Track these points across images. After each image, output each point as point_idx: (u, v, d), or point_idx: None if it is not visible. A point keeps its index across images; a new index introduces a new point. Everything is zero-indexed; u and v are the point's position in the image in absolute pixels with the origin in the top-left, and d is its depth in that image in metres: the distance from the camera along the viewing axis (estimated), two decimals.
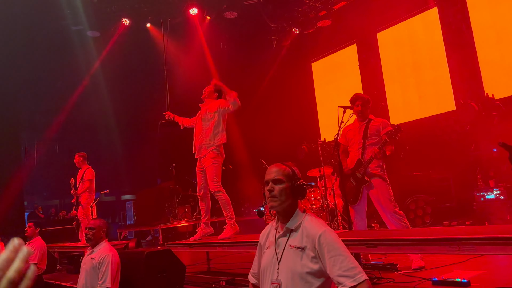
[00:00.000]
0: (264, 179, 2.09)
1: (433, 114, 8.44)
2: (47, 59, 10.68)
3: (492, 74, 7.61)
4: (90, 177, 7.55)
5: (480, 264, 3.75)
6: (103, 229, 3.88)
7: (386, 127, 4.34)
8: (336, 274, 1.81)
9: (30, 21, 9.58)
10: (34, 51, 10.31)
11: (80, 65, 11.03)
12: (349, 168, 4.45)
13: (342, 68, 10.66)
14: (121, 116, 11.85)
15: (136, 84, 11.64)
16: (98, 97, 11.34)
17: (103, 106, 11.67)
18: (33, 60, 10.48)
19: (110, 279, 3.67)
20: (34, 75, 10.93)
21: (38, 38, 10.08)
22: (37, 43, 10.16)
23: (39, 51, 10.35)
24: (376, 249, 2.97)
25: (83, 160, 7.64)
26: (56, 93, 11.34)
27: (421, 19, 8.90)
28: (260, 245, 2.19)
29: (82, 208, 7.40)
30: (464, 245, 2.52)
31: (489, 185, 6.60)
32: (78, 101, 11.44)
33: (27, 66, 10.52)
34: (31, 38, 10.00)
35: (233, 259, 6.02)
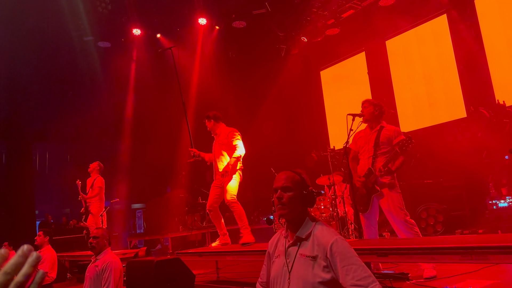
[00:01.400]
0: (273, 186, 2.07)
1: (444, 121, 8.37)
2: (59, 70, 10.85)
3: (503, 80, 7.54)
4: (100, 185, 7.63)
5: (493, 274, 3.68)
6: (106, 238, 3.99)
7: (399, 136, 4.30)
8: (349, 283, 1.78)
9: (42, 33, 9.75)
10: (45, 62, 10.48)
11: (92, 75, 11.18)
12: (359, 177, 4.41)
13: (351, 76, 10.66)
14: (132, 125, 11.95)
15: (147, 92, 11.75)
16: (108, 107, 11.46)
17: (114, 115, 11.80)
18: (45, 71, 10.65)
19: (113, 285, 3.74)
20: (46, 86, 11.10)
21: (49, 50, 10.25)
22: (49, 54, 10.33)
23: (51, 62, 10.52)
24: (387, 258, 2.94)
25: (99, 169, 7.75)
26: (67, 103, 11.50)
27: (430, 26, 8.87)
28: (269, 254, 2.17)
29: (92, 216, 7.46)
30: (476, 254, 2.48)
31: (502, 193, 6.50)
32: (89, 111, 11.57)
33: (39, 77, 10.69)
34: (43, 50, 10.17)
35: (242, 268, 5.99)
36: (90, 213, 7.56)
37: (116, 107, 11.46)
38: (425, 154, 7.77)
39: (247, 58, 11.74)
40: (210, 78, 11.53)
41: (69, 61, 10.70)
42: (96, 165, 7.80)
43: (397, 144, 4.21)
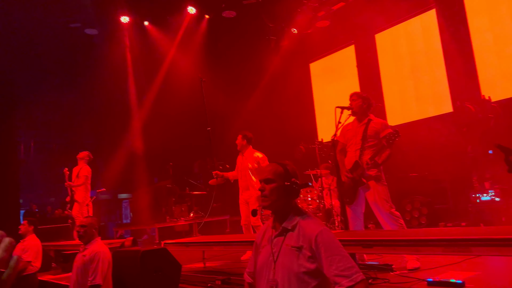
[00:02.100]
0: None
1: (430, 115, 8.46)
2: (45, 58, 10.65)
3: (489, 76, 7.64)
4: (86, 174, 7.59)
5: (475, 265, 3.76)
6: (94, 227, 3.94)
7: (386, 130, 4.34)
8: (333, 274, 1.81)
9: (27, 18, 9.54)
10: (30, 49, 10.27)
11: (79, 63, 11.01)
12: (347, 171, 4.44)
13: (340, 69, 10.67)
14: (118, 115, 11.81)
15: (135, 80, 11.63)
16: (96, 96, 11.31)
17: (100, 105, 11.64)
18: (30, 59, 10.44)
19: (100, 276, 3.71)
20: (31, 73, 10.89)
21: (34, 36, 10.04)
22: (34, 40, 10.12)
23: (36, 49, 10.31)
24: (372, 249, 2.98)
25: (88, 159, 7.71)
26: (54, 91, 11.30)
27: (419, 20, 8.92)
28: (256, 245, 2.19)
29: (78, 204, 7.41)
30: (459, 246, 2.53)
31: (485, 187, 6.63)
32: (76, 100, 11.40)
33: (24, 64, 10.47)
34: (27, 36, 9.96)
35: (229, 259, 6.02)
36: (76, 201, 7.50)
37: (106, 95, 11.30)
38: (411, 147, 7.85)
39: (236, 48, 11.67)
40: (199, 68, 11.43)
41: (55, 48, 10.50)
42: (86, 155, 7.75)
43: (384, 137, 4.26)
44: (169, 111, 11.16)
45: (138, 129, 11.66)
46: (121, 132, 11.75)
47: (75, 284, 3.85)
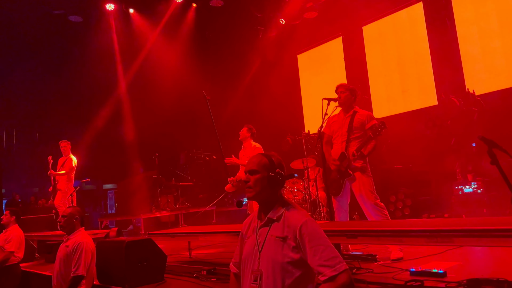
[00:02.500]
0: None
1: (416, 108, 8.55)
2: (27, 44, 10.41)
3: (474, 70, 7.74)
4: (72, 164, 7.51)
5: (456, 256, 3.83)
6: (75, 217, 3.90)
7: (371, 121, 4.37)
8: (316, 263, 1.83)
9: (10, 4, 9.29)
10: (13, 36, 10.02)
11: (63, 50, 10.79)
12: (334, 160, 4.47)
13: (328, 61, 10.69)
14: (103, 104, 11.65)
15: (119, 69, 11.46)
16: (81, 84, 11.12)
17: (85, 94, 11.46)
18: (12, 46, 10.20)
19: (83, 267, 3.68)
20: (14, 60, 10.64)
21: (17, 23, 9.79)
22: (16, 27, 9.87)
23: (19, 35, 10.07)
24: (356, 239, 3.01)
25: (69, 148, 7.65)
26: (37, 79, 11.07)
27: (406, 13, 8.96)
28: (242, 235, 2.20)
29: (60, 193, 7.33)
30: (442, 237, 2.57)
31: (468, 179, 6.75)
32: (60, 88, 11.20)
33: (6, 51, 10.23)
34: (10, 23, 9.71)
35: (215, 249, 6.03)
36: (59, 190, 7.42)
37: (91, 83, 11.11)
38: (396, 140, 7.93)
39: (224, 38, 11.57)
40: (185, 57, 11.33)
41: (38, 35, 10.26)
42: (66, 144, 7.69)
43: (370, 128, 4.29)
44: (155, 101, 11.05)
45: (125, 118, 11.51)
46: (107, 121, 11.61)
47: (58, 274, 3.81)
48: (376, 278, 3.28)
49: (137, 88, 11.40)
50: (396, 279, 3.14)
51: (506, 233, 2.27)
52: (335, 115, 4.62)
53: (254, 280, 1.94)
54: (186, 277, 4.02)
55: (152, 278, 3.88)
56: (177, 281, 3.96)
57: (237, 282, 2.22)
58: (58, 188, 7.40)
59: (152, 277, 3.88)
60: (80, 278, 3.71)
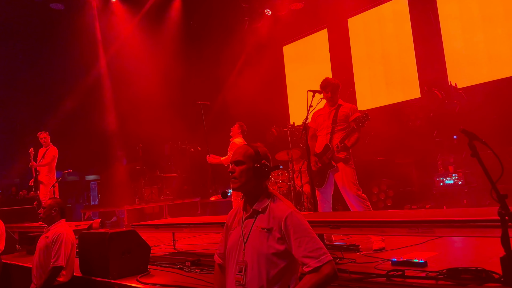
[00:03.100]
0: None
1: (399, 101, 8.63)
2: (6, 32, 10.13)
3: (456, 63, 7.85)
4: (53, 154, 7.43)
5: (437, 246, 3.92)
6: (54, 208, 3.91)
7: (355, 113, 4.43)
8: (301, 255, 1.84)
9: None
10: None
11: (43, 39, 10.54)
12: (317, 153, 4.51)
13: (313, 53, 10.69)
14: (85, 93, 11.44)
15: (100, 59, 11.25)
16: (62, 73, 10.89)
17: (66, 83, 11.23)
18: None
19: (63, 258, 3.68)
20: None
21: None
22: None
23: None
24: (339, 230, 3.04)
25: (49, 138, 7.55)
26: (16, 68, 10.80)
27: (391, 6, 9.00)
28: (227, 226, 2.20)
29: (43, 186, 7.24)
30: (423, 227, 2.61)
31: (449, 171, 6.87)
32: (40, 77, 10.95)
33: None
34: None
35: (199, 240, 6.03)
36: (41, 183, 7.31)
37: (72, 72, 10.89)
38: (379, 132, 8.01)
39: (210, 28, 11.46)
40: (170, 46, 11.20)
41: (18, 23, 9.99)
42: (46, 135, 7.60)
43: (353, 120, 4.34)
44: (139, 90, 10.91)
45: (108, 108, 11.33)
46: (89, 111, 11.41)
47: (38, 265, 3.81)
48: (358, 268, 3.33)
49: (119, 77, 11.21)
50: (378, 269, 3.20)
51: (485, 223, 2.33)
52: (320, 109, 4.66)
53: (238, 271, 1.95)
54: (170, 268, 4.02)
55: (136, 269, 3.87)
56: (161, 272, 3.95)
57: (221, 273, 2.22)
58: (40, 181, 7.30)
59: (135, 269, 3.87)
60: (60, 269, 3.72)
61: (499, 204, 1.73)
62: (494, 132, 6.20)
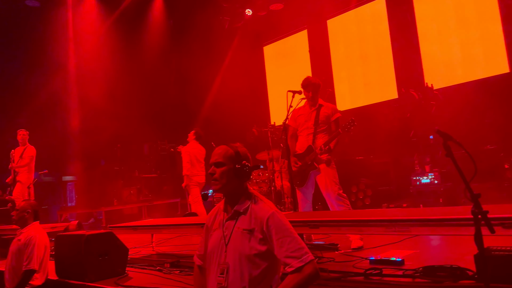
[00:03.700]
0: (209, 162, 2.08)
1: (377, 101, 8.76)
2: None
3: (433, 65, 8.02)
4: (32, 154, 7.32)
5: (413, 244, 3.99)
6: (27, 210, 3.83)
7: (335, 114, 4.49)
8: (283, 255, 1.85)
9: None
10: None
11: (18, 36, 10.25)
12: (298, 153, 4.53)
13: (293, 53, 10.74)
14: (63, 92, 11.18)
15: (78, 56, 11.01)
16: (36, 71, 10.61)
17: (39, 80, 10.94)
18: None
19: (35, 261, 3.61)
20: None
21: None
22: None
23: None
24: (318, 229, 3.07)
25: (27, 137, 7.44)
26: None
27: (369, 8, 9.13)
28: (207, 227, 2.18)
29: (20, 185, 7.10)
30: (399, 226, 2.66)
31: (425, 170, 7.01)
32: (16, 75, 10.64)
33: None
34: None
35: (179, 241, 5.98)
36: (19, 181, 7.16)
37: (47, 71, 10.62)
38: (358, 132, 8.08)
39: (189, 27, 11.38)
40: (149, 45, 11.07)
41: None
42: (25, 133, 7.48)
43: (334, 121, 4.39)
44: (117, 90, 10.74)
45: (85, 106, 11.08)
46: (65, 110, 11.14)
47: (10, 269, 3.73)
48: (337, 266, 3.36)
49: (96, 76, 10.98)
50: (356, 267, 3.24)
51: (459, 222, 2.38)
52: (300, 107, 4.67)
53: (220, 273, 1.94)
54: (149, 270, 3.97)
55: (113, 272, 3.81)
56: (139, 274, 3.90)
57: (201, 274, 2.20)
58: (18, 180, 7.16)
59: (113, 271, 3.81)
60: (32, 272, 3.64)
61: (473, 203, 1.77)
62: (469, 132, 6.37)
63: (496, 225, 1.99)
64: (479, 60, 7.37)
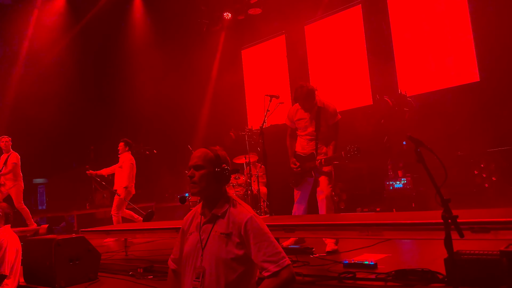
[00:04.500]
0: (188, 164, 2.05)
1: (352, 107, 8.90)
2: None
3: (406, 72, 8.21)
4: (15, 161, 7.26)
5: (386, 248, 4.06)
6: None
7: (335, 117, 4.57)
8: (260, 259, 1.84)
9: None
10: None
11: None
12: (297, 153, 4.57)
13: (271, 58, 10.80)
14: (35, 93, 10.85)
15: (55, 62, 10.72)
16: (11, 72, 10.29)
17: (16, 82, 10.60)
18: None
19: (6, 266, 3.47)
20: None
21: None
22: None
23: None
24: (293, 233, 3.08)
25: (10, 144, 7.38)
26: None
27: (347, 15, 9.28)
28: (183, 231, 2.15)
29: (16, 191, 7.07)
30: (373, 230, 2.70)
31: (398, 175, 7.16)
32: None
33: None
34: None
35: (153, 246, 5.89)
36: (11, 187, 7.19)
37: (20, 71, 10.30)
38: None
39: (167, 29, 11.28)
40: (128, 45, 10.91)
41: None
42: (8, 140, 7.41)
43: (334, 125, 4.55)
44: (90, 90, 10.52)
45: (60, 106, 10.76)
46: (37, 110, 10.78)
47: None
48: (312, 270, 3.39)
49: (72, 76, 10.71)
50: (330, 271, 3.27)
51: (430, 226, 2.44)
52: (298, 110, 4.62)
53: (196, 278, 1.91)
54: (122, 275, 3.90)
55: (85, 277, 3.73)
56: (112, 279, 3.82)
57: (175, 279, 2.17)
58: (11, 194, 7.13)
59: (84, 277, 3.72)
60: (3, 278, 3.50)
61: (443, 207, 1.82)
62: (440, 139, 6.55)
63: (465, 229, 2.04)
64: (451, 69, 7.59)
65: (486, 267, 2.28)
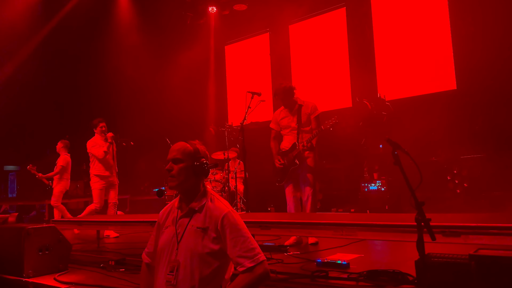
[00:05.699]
0: (166, 158, 2.03)
1: (332, 109, 8.98)
2: None
3: (386, 77, 8.35)
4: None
5: (359, 248, 4.13)
6: None
7: (315, 112, 4.73)
8: (236, 255, 1.84)
9: None
10: None
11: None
12: (282, 150, 4.71)
13: (254, 55, 10.79)
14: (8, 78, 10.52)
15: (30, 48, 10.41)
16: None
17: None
18: None
19: None
20: None
21: None
22: None
23: None
24: (269, 231, 3.09)
25: None
26: None
27: (331, 17, 9.35)
28: (159, 224, 2.13)
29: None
30: (347, 230, 2.74)
31: (374, 177, 7.29)
32: None
33: None
34: None
35: (126, 239, 5.81)
36: None
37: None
38: None
39: (149, 21, 11.09)
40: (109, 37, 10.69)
41: None
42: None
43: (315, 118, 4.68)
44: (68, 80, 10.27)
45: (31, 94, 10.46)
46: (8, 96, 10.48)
47: None
48: (285, 268, 3.41)
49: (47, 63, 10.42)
50: (303, 269, 3.29)
51: (403, 228, 2.49)
52: (282, 111, 4.83)
53: (170, 271, 1.90)
54: (93, 267, 3.82)
55: (54, 268, 3.63)
56: (82, 271, 3.74)
57: (148, 272, 2.15)
58: None
59: (54, 267, 3.63)
60: None
61: (417, 210, 1.85)
62: (416, 144, 6.69)
63: (437, 232, 2.10)
64: (430, 76, 7.76)
65: (455, 270, 2.33)
